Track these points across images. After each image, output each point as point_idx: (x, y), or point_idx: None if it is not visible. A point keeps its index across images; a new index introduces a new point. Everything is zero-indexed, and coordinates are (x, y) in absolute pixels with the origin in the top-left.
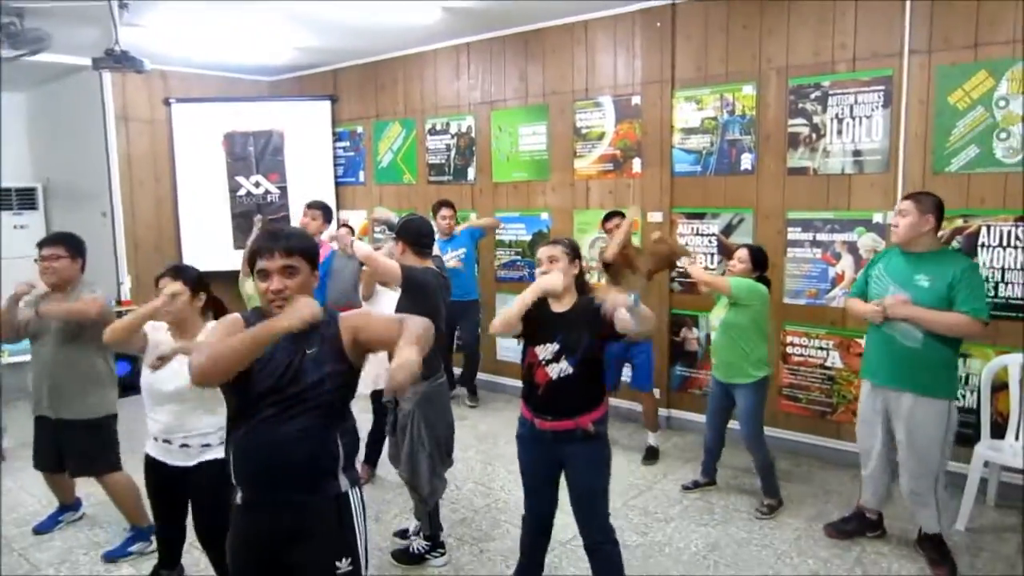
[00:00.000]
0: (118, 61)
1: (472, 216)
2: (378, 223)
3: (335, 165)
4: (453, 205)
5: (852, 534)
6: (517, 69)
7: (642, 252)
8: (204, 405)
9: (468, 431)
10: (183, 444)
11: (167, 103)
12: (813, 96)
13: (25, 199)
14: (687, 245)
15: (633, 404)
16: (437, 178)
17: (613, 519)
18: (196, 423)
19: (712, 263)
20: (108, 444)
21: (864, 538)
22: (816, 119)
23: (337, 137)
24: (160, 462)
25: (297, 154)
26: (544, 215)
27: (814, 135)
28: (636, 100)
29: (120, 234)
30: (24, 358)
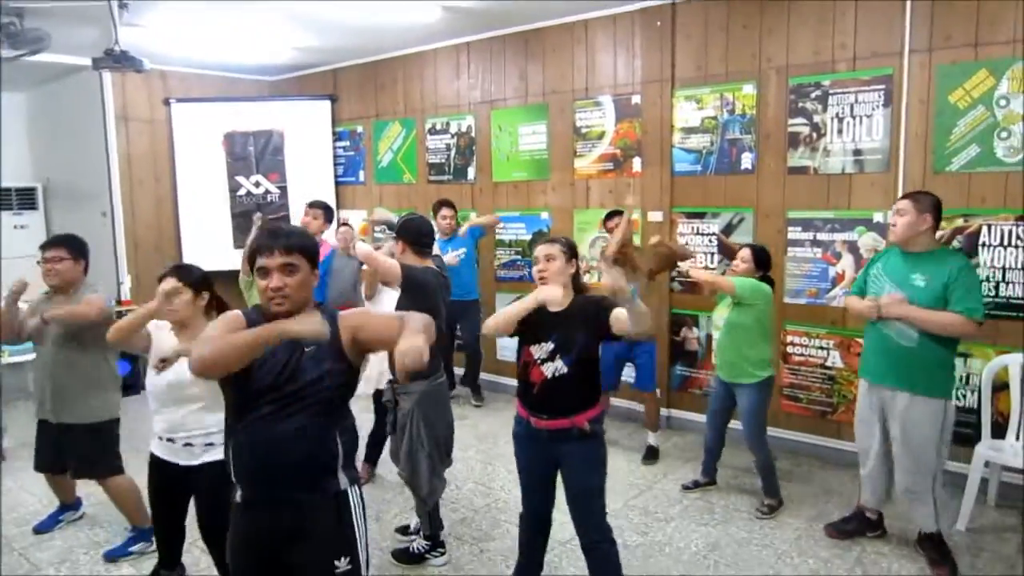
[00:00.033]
0: (118, 61)
1: (472, 215)
2: (377, 224)
3: (335, 165)
4: (453, 205)
5: (852, 534)
6: (517, 68)
7: (643, 252)
8: (207, 405)
9: (468, 431)
10: (187, 443)
11: (167, 103)
12: (813, 95)
13: (25, 199)
14: (687, 245)
15: (633, 404)
16: (437, 178)
17: (613, 519)
18: (199, 422)
19: (712, 263)
20: (110, 448)
21: (864, 538)
22: (816, 118)
23: (337, 137)
24: (165, 461)
25: (297, 154)
26: (544, 214)
27: (814, 134)
28: (636, 99)
29: (120, 234)
30: (24, 358)
